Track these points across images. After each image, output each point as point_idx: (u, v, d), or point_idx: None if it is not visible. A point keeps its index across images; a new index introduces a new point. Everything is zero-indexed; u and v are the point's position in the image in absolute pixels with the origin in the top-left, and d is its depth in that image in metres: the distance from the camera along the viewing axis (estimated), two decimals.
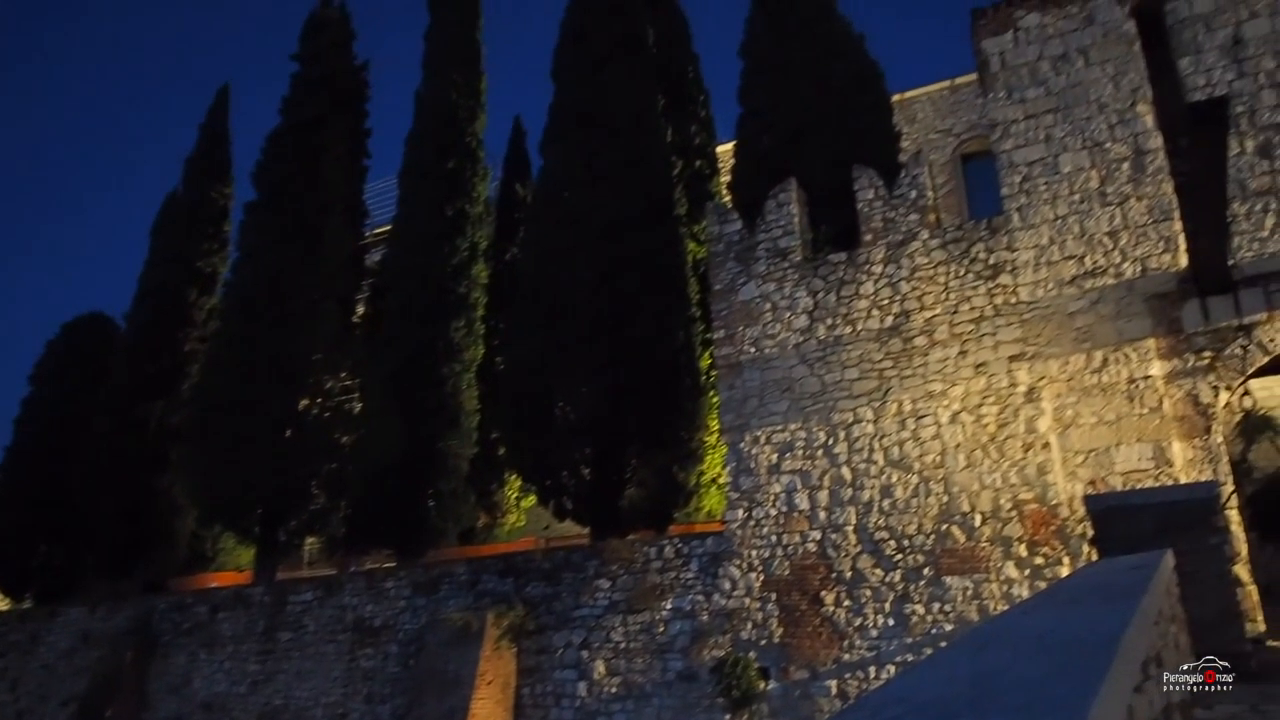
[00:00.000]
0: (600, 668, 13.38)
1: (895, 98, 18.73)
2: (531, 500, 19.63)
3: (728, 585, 12.90)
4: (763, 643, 12.44)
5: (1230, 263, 10.84)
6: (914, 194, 13.23)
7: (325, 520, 19.08)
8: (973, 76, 18.83)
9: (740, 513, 13.10)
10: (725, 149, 20.47)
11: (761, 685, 12.15)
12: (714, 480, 16.53)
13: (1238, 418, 12.05)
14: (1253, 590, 10.03)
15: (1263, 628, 9.84)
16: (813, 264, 13.67)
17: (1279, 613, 11.25)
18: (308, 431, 18.84)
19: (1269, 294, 10.86)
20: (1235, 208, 10.93)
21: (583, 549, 14.74)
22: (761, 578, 12.71)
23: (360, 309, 21.62)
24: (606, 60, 17.15)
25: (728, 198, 17.75)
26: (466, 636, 13.85)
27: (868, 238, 13.35)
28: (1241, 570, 9.75)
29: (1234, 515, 10.23)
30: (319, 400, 19.25)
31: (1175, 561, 6.23)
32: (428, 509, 17.32)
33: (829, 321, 13.24)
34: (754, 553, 12.85)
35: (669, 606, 13.23)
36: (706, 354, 16.02)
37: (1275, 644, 9.34)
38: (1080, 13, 12.80)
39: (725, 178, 19.45)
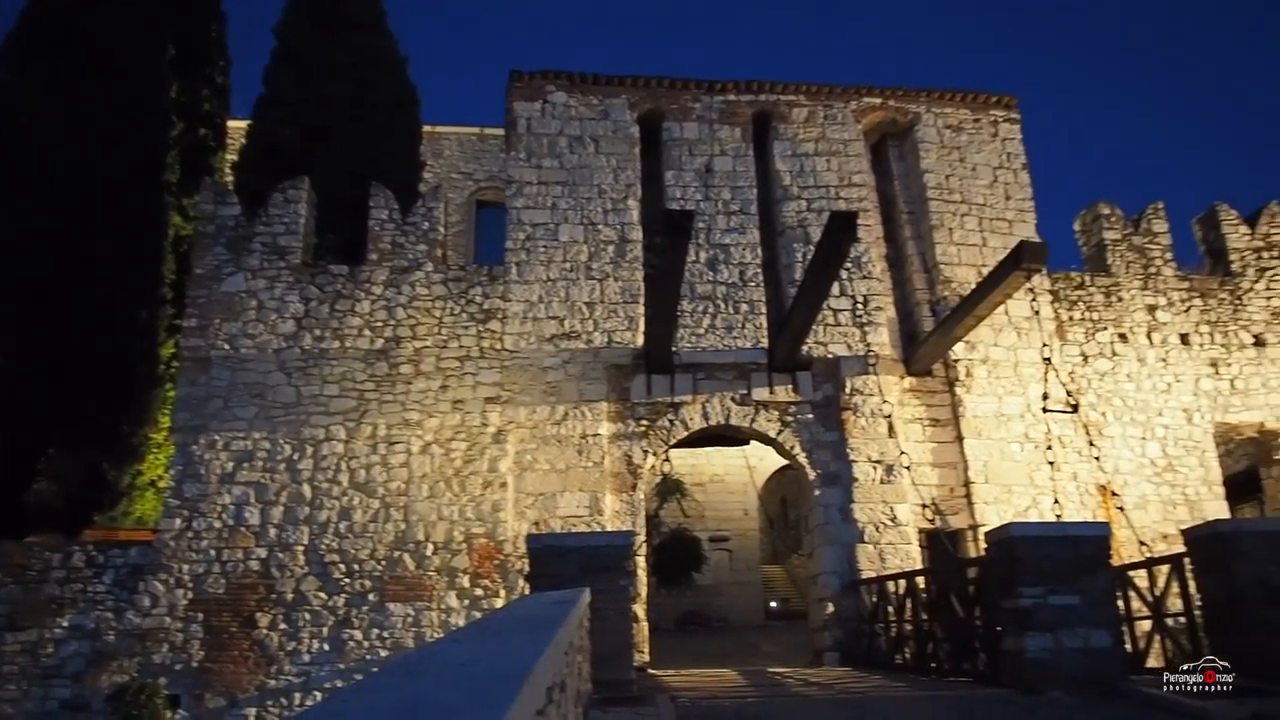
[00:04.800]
0: None
1: (426, 128, 19.02)
2: None
3: (147, 602, 11.44)
4: (178, 667, 11.22)
5: (674, 350, 12.87)
6: (426, 225, 13.50)
7: None
8: (500, 130, 19.95)
9: (178, 522, 11.80)
10: (238, 125, 18.81)
11: (169, 715, 10.90)
12: (153, 483, 14.66)
13: (658, 480, 14.19)
14: (644, 626, 11.81)
15: (648, 658, 11.62)
16: (311, 270, 13.12)
17: (663, 644, 13.42)
18: None
19: (696, 381, 13.12)
20: (684, 305, 13.06)
21: None
22: (190, 595, 11.52)
23: None
24: None
25: (230, 179, 16.28)
26: None
27: (373, 257, 13.24)
28: (639, 609, 11.42)
29: (641, 562, 11.96)
30: None
31: (591, 599, 7.04)
32: None
33: (317, 332, 12.77)
34: (187, 567, 11.62)
35: (65, 624, 11.31)
36: (171, 342, 14.29)
37: (655, 672, 11.04)
38: (599, 104, 14.41)
39: (231, 157, 17.82)
